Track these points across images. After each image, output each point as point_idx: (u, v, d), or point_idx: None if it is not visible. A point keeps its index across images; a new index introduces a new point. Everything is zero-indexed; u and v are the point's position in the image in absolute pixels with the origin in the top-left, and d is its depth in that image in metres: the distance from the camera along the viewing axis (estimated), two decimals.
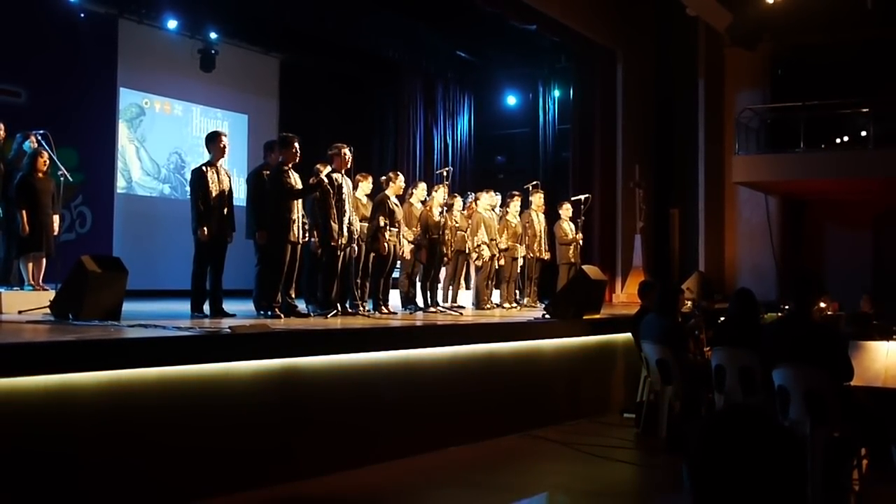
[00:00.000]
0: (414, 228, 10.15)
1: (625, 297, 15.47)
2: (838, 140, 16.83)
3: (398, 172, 9.88)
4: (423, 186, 10.62)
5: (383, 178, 9.72)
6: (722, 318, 8.09)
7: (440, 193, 10.36)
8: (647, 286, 9.13)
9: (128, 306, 7.35)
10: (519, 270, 12.06)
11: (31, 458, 4.68)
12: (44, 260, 8.84)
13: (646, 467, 7.18)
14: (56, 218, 8.98)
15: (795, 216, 17.63)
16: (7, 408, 4.59)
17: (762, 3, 14.52)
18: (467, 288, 12.17)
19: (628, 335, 8.99)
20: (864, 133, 16.28)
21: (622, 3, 16.35)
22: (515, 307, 11.86)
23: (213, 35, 15.08)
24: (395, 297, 10.35)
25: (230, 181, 8.42)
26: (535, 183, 12.82)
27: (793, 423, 5.50)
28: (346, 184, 8.70)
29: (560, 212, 12.52)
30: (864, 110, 16.00)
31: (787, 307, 9.98)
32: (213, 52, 15.16)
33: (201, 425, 5.52)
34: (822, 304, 10.34)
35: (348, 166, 8.75)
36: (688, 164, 16.82)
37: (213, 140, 8.37)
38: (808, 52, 16.73)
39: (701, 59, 16.78)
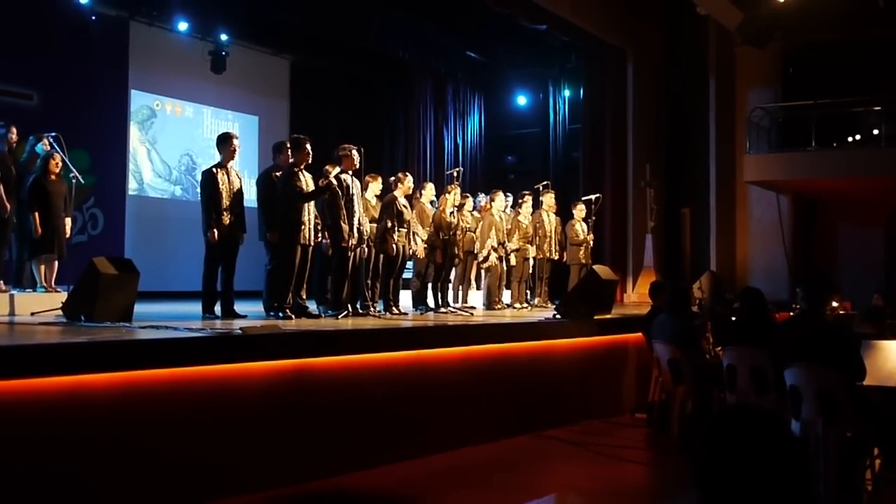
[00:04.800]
0: (428, 228, 10.14)
1: (636, 296, 15.44)
2: (850, 139, 16.77)
3: (406, 173, 9.86)
4: (431, 186, 10.63)
5: (392, 178, 9.72)
6: (733, 318, 8.07)
7: (453, 194, 10.35)
8: (658, 286, 9.11)
9: (139, 308, 7.37)
10: (530, 271, 12.06)
11: (45, 458, 4.70)
12: (56, 262, 8.87)
13: (657, 467, 7.17)
14: (68, 220, 9.01)
15: (807, 215, 17.57)
16: (20, 409, 4.61)
17: (773, 2, 14.46)
18: (478, 288, 12.17)
19: (639, 335, 8.97)
20: (876, 131, 16.22)
21: (632, 2, 16.32)
22: (526, 307, 11.85)
23: (223, 37, 15.14)
24: (405, 297, 10.36)
25: (241, 182, 8.43)
26: (545, 183, 12.81)
27: (805, 422, 5.47)
28: (356, 185, 8.70)
29: (574, 212, 12.50)
30: (877, 108, 15.95)
31: (798, 306, 9.94)
32: (223, 53, 15.21)
33: (213, 426, 5.54)
34: (835, 304, 10.30)
35: (357, 167, 8.76)
36: (699, 164, 16.78)
37: (225, 142, 8.37)
38: (819, 51, 16.67)
39: (712, 57, 16.74)
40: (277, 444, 5.87)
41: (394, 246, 9.27)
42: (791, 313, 9.84)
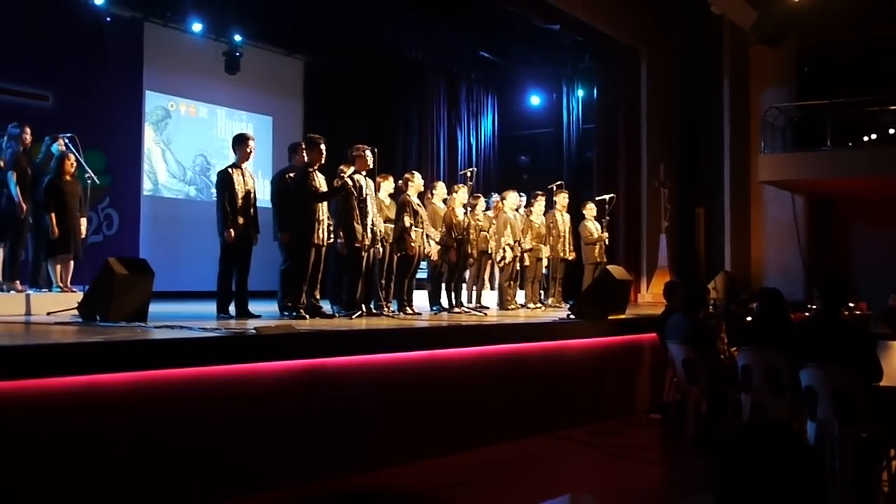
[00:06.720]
0: (440, 229, 10.14)
1: (650, 297, 15.41)
2: (866, 138, 16.67)
3: (414, 172, 9.88)
4: (441, 186, 10.63)
5: (401, 180, 9.72)
6: (748, 319, 8.04)
7: (462, 193, 10.36)
8: (673, 286, 9.09)
9: (154, 307, 7.40)
10: (544, 271, 12.04)
11: (60, 457, 4.72)
12: (72, 262, 8.92)
13: (672, 468, 7.15)
14: (83, 220, 9.07)
15: (823, 215, 17.47)
16: (35, 408, 4.63)
17: (787, 1, 14.40)
18: (492, 288, 12.16)
19: (654, 335, 8.95)
20: (892, 130, 16.13)
21: (646, 2, 16.27)
22: (540, 307, 11.84)
23: (237, 37, 15.17)
24: (419, 297, 10.36)
25: (254, 183, 8.46)
26: (559, 183, 12.80)
27: (821, 423, 5.45)
28: (369, 185, 8.72)
29: (584, 211, 12.49)
30: (892, 108, 15.84)
31: (814, 307, 9.88)
32: (237, 54, 15.25)
33: (227, 425, 5.55)
34: (850, 304, 10.24)
35: (371, 167, 8.77)
36: (713, 163, 16.71)
37: (241, 142, 8.41)
38: (834, 49, 16.56)
39: (726, 56, 16.67)
40: (291, 443, 5.88)
41: (412, 245, 9.30)
42: (806, 314, 9.80)
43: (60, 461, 4.72)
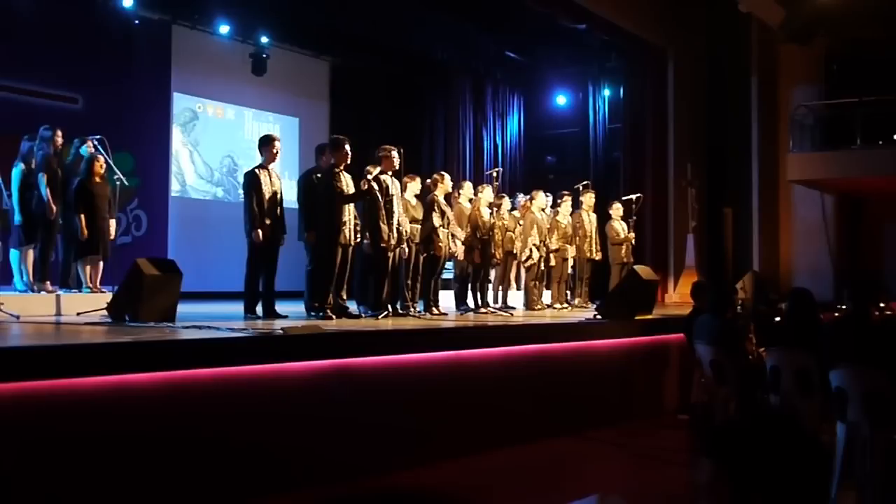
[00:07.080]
0: (465, 229, 10.14)
1: (677, 297, 15.32)
2: None
3: (443, 174, 9.89)
4: (468, 186, 10.64)
5: (429, 180, 9.73)
6: (777, 319, 7.98)
7: (486, 193, 10.36)
8: (700, 286, 9.03)
9: (182, 308, 7.46)
10: (570, 271, 12.01)
11: (87, 457, 4.76)
12: (101, 263, 9.01)
13: (699, 469, 7.10)
14: (112, 222, 9.16)
15: (853, 214, 17.28)
16: (65, 408, 4.68)
17: None
18: (518, 289, 12.14)
19: (681, 335, 8.89)
20: None
21: (673, 1, 16.19)
22: (566, 308, 11.81)
23: (264, 39, 15.25)
24: (446, 297, 10.36)
25: (281, 184, 8.50)
26: (585, 183, 12.77)
27: (851, 425, 5.39)
28: (395, 185, 8.74)
29: (610, 211, 12.45)
30: None
31: (843, 307, 9.79)
32: (264, 56, 15.33)
33: (254, 425, 5.57)
34: (881, 304, 10.13)
35: (397, 168, 8.79)
36: (741, 163, 16.58)
37: (267, 144, 8.44)
38: (863, 47, 16.36)
39: (754, 55, 16.54)
40: (318, 443, 5.89)
41: (440, 245, 9.31)
42: (836, 314, 9.70)
43: (89, 460, 4.76)
